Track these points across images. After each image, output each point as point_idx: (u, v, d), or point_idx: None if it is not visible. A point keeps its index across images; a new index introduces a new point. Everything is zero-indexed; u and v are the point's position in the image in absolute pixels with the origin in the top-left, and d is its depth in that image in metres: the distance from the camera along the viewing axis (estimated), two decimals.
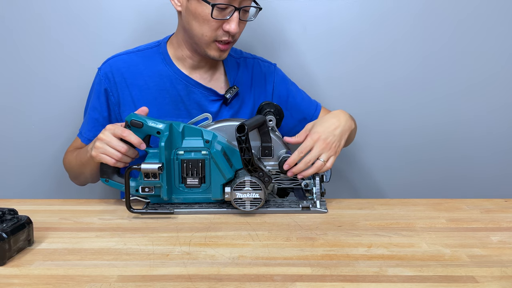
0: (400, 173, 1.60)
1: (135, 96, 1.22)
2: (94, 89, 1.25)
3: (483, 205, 1.09)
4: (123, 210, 1.03)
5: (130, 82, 1.23)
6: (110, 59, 1.25)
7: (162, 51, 1.25)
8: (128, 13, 1.47)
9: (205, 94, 1.24)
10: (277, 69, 1.36)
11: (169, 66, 1.23)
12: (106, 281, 0.73)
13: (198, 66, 1.25)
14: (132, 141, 1.00)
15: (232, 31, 1.11)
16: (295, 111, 1.34)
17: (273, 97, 1.33)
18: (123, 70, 1.23)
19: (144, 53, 1.26)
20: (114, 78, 1.22)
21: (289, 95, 1.34)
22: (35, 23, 1.46)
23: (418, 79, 1.53)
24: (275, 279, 0.74)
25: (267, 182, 1.01)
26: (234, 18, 1.11)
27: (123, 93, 1.22)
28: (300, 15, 1.49)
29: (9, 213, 0.84)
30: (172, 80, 1.23)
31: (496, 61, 1.52)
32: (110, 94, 1.23)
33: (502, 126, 1.57)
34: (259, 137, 1.06)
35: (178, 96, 1.23)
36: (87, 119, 1.25)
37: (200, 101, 1.24)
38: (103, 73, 1.23)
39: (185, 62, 1.24)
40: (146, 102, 1.21)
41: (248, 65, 1.32)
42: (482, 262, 0.80)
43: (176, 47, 1.24)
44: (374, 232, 0.93)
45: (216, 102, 1.25)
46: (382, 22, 1.50)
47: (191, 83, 1.23)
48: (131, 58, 1.25)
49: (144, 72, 1.23)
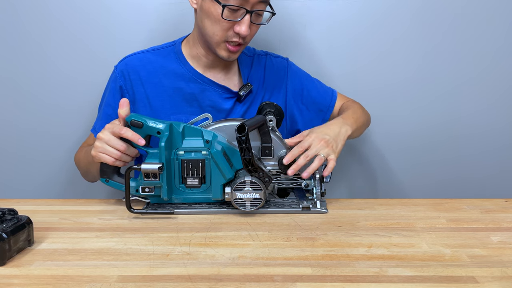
0: (400, 173, 1.60)
1: (150, 93, 1.24)
2: (109, 86, 1.27)
3: (483, 205, 1.09)
4: (123, 210, 1.03)
5: (145, 80, 1.24)
6: (126, 57, 1.27)
7: (177, 51, 1.27)
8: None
9: (218, 92, 1.25)
10: (290, 63, 1.37)
11: (183, 64, 1.25)
12: (106, 281, 0.73)
13: (213, 65, 1.26)
14: (129, 137, 1.00)
15: (243, 33, 1.12)
16: (311, 104, 1.35)
17: (287, 92, 1.34)
18: (138, 68, 1.25)
19: (159, 52, 1.28)
20: (129, 76, 1.24)
21: (304, 88, 1.35)
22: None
23: (418, 79, 1.53)
24: (275, 279, 0.74)
25: (267, 182, 1.01)
26: (245, 20, 1.11)
27: (138, 90, 1.24)
28: (301, 15, 1.49)
29: (9, 213, 0.84)
30: (186, 78, 1.25)
31: (498, 61, 1.52)
32: (125, 92, 1.24)
33: (502, 126, 1.56)
34: (259, 137, 1.05)
35: (192, 94, 1.25)
36: (101, 115, 1.27)
37: (214, 99, 1.25)
38: (119, 71, 1.25)
39: (199, 61, 1.25)
40: (160, 100, 1.24)
41: (261, 62, 1.33)
42: (482, 262, 0.80)
43: (191, 46, 1.25)
44: (374, 232, 0.93)
45: (230, 99, 1.27)
46: (383, 22, 1.50)
47: (205, 81, 1.25)
48: (146, 57, 1.26)
49: (159, 71, 1.25)
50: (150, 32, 1.48)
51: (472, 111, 1.55)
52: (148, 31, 1.48)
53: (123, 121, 1.03)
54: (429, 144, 1.57)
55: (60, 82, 1.50)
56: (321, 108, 1.36)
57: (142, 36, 1.48)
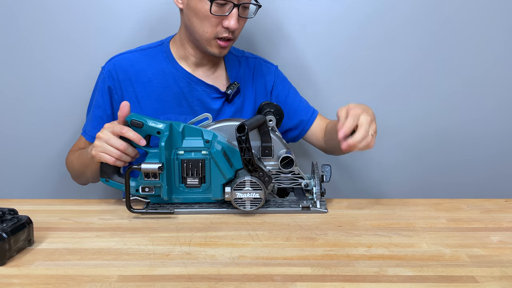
0: (400, 173, 1.60)
1: (139, 93, 1.24)
2: (98, 87, 1.26)
3: (483, 205, 1.09)
4: (123, 210, 1.03)
5: (134, 79, 1.24)
6: (114, 58, 1.27)
7: (165, 50, 1.26)
8: (132, 12, 1.47)
9: (207, 91, 1.25)
10: (278, 71, 1.37)
11: (172, 64, 1.25)
12: (106, 281, 0.73)
13: (201, 63, 1.26)
14: (131, 137, 1.00)
15: (232, 27, 1.13)
16: (292, 113, 1.34)
17: (272, 97, 1.34)
18: (126, 68, 1.24)
19: (147, 52, 1.27)
20: (117, 76, 1.24)
21: (288, 96, 1.35)
22: (38, 21, 1.46)
23: (418, 78, 1.53)
24: (275, 279, 0.74)
25: (267, 182, 1.01)
26: (233, 14, 1.12)
27: (127, 90, 1.24)
28: (300, 13, 1.50)
29: (9, 213, 0.84)
30: (175, 78, 1.24)
31: (498, 61, 1.52)
32: (113, 92, 1.24)
33: (502, 125, 1.57)
34: (259, 137, 1.05)
35: (181, 93, 1.24)
36: (91, 117, 1.26)
37: (202, 98, 1.25)
38: (107, 71, 1.24)
39: (188, 60, 1.25)
40: (150, 99, 1.23)
41: (249, 64, 1.33)
42: (482, 262, 0.80)
43: (179, 46, 1.25)
44: (374, 232, 0.93)
45: (218, 99, 1.26)
46: (381, 21, 1.50)
47: (193, 80, 1.25)
48: (134, 57, 1.26)
49: (148, 70, 1.24)
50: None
51: (472, 111, 1.55)
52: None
53: (122, 121, 1.03)
54: (429, 144, 1.57)
55: (52, 82, 1.50)
56: (302, 119, 1.35)
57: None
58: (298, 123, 1.35)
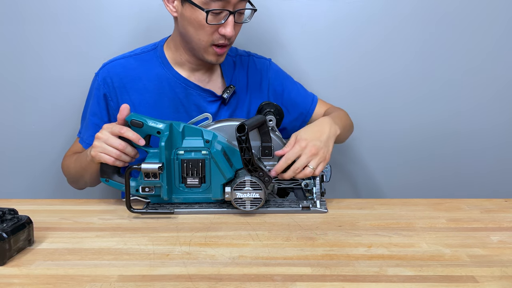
0: (400, 173, 1.60)
1: (135, 100, 1.22)
2: (93, 94, 1.25)
3: (483, 205, 1.09)
4: (123, 210, 1.03)
5: (129, 86, 1.22)
6: (107, 64, 1.25)
7: (160, 54, 1.25)
8: (125, 14, 1.47)
9: (203, 96, 1.25)
10: (272, 64, 1.36)
11: (167, 69, 1.24)
12: (106, 281, 0.73)
13: (197, 69, 1.25)
14: (130, 137, 1.00)
15: (228, 35, 1.12)
16: (291, 106, 1.34)
17: (269, 93, 1.33)
18: (121, 74, 1.23)
19: (141, 57, 1.25)
20: (113, 83, 1.22)
21: (285, 89, 1.35)
22: (37, 22, 1.46)
23: (416, 77, 1.53)
24: (275, 279, 0.74)
25: (267, 182, 1.01)
26: (230, 22, 1.11)
27: (123, 97, 1.22)
28: (297, 15, 1.50)
29: (9, 213, 0.84)
30: (170, 83, 1.23)
31: (497, 63, 1.52)
32: (109, 99, 1.23)
33: (502, 125, 1.57)
34: (259, 137, 1.06)
35: (177, 98, 1.23)
36: (87, 124, 1.25)
37: (198, 103, 1.25)
38: (101, 78, 1.23)
39: (183, 66, 1.24)
40: (146, 105, 1.22)
41: (243, 64, 1.33)
42: (482, 262, 0.80)
43: (174, 51, 1.24)
44: (374, 232, 0.93)
45: (214, 103, 1.26)
46: (378, 21, 1.50)
47: (189, 85, 1.24)
48: (128, 62, 1.24)
49: (143, 76, 1.23)
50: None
51: (472, 111, 1.55)
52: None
53: (122, 122, 1.03)
54: (428, 144, 1.57)
55: (52, 82, 1.50)
56: (302, 111, 1.35)
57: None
58: (298, 116, 1.35)
